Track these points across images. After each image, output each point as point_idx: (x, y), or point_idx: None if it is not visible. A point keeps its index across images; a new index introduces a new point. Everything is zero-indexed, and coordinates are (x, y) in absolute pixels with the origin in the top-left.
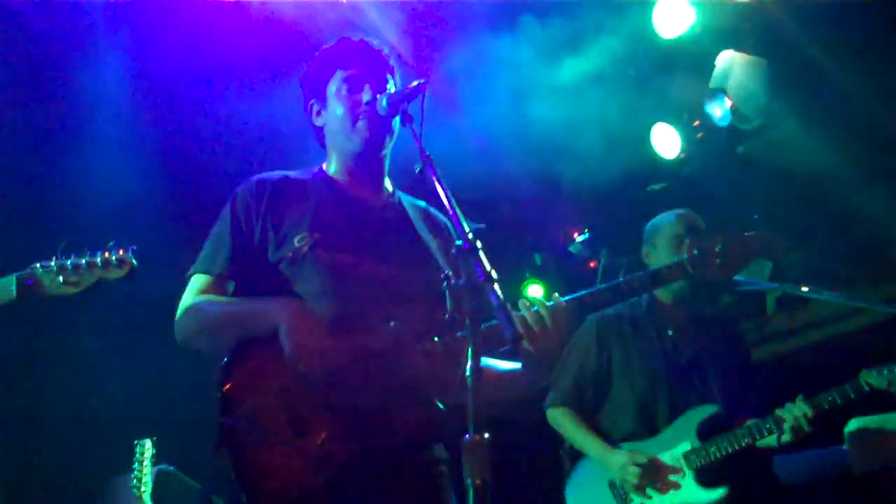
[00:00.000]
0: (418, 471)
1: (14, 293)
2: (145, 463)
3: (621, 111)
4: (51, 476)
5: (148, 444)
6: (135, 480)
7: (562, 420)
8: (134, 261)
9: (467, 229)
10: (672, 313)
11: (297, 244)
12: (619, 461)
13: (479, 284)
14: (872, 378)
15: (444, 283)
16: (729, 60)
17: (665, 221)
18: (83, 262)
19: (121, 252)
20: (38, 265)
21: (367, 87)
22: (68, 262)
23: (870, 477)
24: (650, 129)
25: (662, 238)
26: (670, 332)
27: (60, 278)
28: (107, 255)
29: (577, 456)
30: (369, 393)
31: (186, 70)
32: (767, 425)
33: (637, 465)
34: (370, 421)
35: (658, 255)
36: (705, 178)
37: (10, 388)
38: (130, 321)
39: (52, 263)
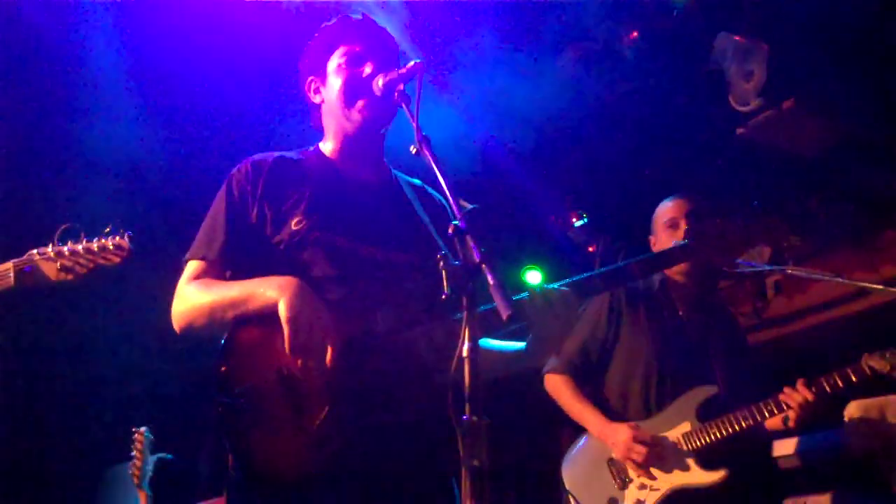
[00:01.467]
0: (417, 452)
1: (12, 281)
2: (144, 451)
3: (620, 92)
4: (50, 465)
5: (146, 431)
6: (133, 469)
7: (561, 388)
8: (131, 246)
9: (463, 209)
10: (684, 293)
11: (293, 227)
12: (623, 436)
13: (476, 264)
14: (875, 361)
15: (442, 264)
16: (726, 43)
17: (661, 207)
18: (80, 247)
19: (117, 239)
20: (35, 251)
21: (368, 63)
22: (65, 249)
23: (868, 458)
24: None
25: (660, 224)
26: (680, 312)
27: (58, 264)
28: (104, 240)
29: (578, 430)
30: (369, 374)
31: (184, 57)
32: (769, 408)
33: (641, 441)
34: (370, 401)
35: (660, 241)
36: (705, 161)
37: (6, 378)
38: (126, 307)
39: (50, 249)
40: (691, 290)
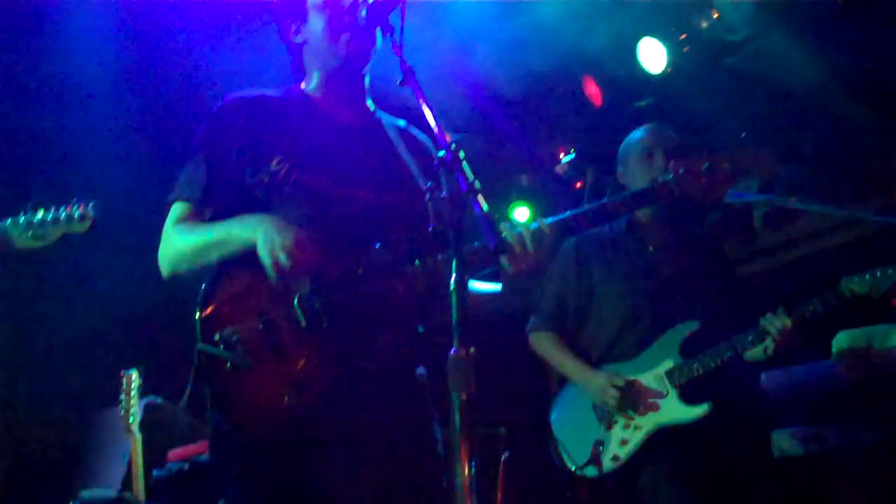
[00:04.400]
0: (399, 395)
1: None
2: (132, 394)
3: (606, 25)
4: (38, 410)
5: (134, 374)
6: (122, 412)
7: (544, 344)
8: (94, 214)
9: (449, 140)
10: (651, 231)
11: (274, 167)
12: (599, 383)
13: (463, 195)
14: (853, 284)
15: (427, 196)
16: None
17: (634, 138)
18: (49, 217)
19: (81, 207)
20: (7, 221)
21: None
22: (35, 218)
23: (856, 388)
24: (636, 43)
25: (633, 155)
26: (651, 250)
27: (29, 233)
28: (70, 209)
29: (565, 378)
30: (350, 316)
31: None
32: (750, 338)
33: (616, 386)
34: (350, 345)
35: (630, 172)
36: (693, 93)
37: None
38: (113, 250)
39: (21, 219)
40: (661, 226)
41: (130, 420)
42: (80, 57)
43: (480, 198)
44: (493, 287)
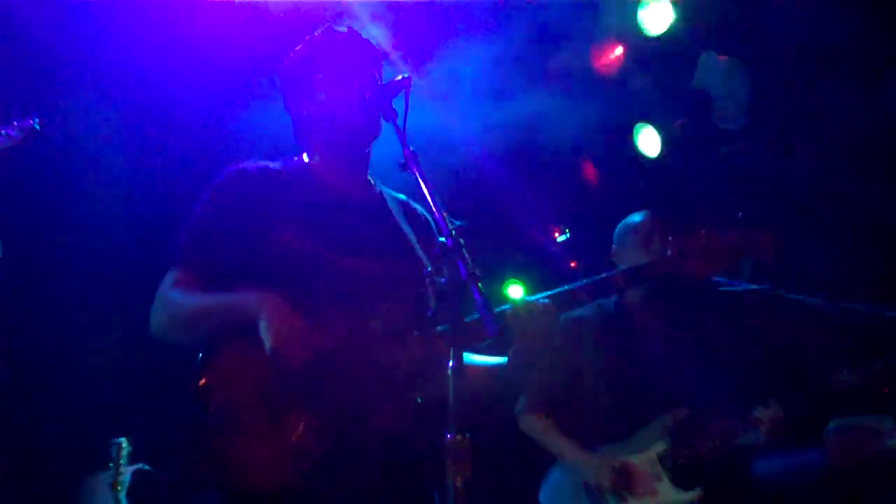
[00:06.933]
0: (396, 466)
1: None
2: (122, 462)
3: (603, 110)
4: (26, 475)
5: (124, 443)
6: (111, 479)
7: (533, 425)
8: (34, 124)
9: (450, 226)
10: (641, 314)
11: (276, 238)
12: (594, 464)
13: (462, 282)
14: (844, 376)
15: (428, 281)
16: (710, 62)
17: (633, 220)
18: None
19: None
20: None
21: (354, 77)
22: None
23: (848, 476)
24: (632, 127)
25: (631, 237)
26: (640, 333)
27: None
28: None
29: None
30: (348, 387)
31: (172, 69)
32: (742, 426)
33: (612, 468)
34: (348, 415)
35: (626, 253)
36: (688, 178)
37: None
38: (107, 317)
39: None
40: (650, 309)
41: (119, 488)
42: (85, 118)
43: (480, 285)
44: (498, 360)
